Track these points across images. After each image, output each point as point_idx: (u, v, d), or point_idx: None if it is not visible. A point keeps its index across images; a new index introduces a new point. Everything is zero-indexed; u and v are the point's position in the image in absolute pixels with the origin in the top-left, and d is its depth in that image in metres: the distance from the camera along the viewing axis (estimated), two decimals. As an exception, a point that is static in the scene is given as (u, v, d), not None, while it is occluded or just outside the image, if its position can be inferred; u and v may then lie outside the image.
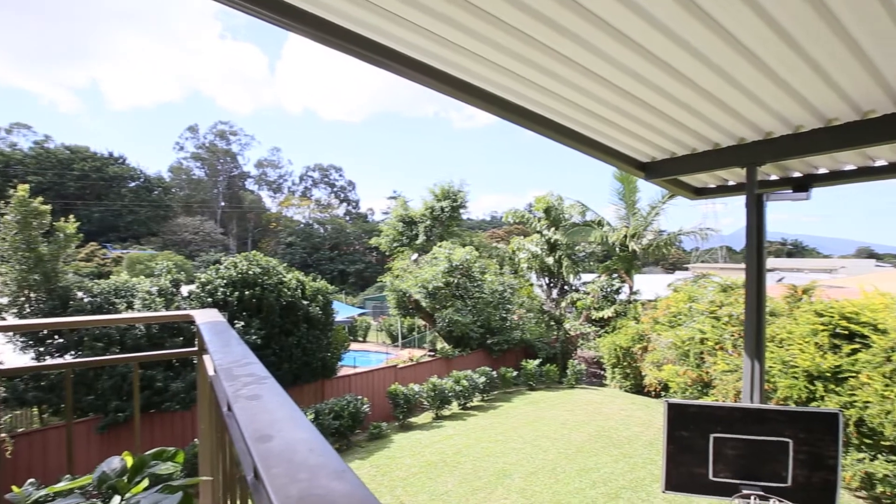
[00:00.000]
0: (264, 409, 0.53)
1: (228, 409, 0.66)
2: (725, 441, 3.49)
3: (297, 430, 0.48)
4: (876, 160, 3.59)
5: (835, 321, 8.43)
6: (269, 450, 0.42)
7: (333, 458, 0.40)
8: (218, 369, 0.77)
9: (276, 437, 0.45)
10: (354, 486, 0.36)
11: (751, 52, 2.36)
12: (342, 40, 2.32)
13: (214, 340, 1.19)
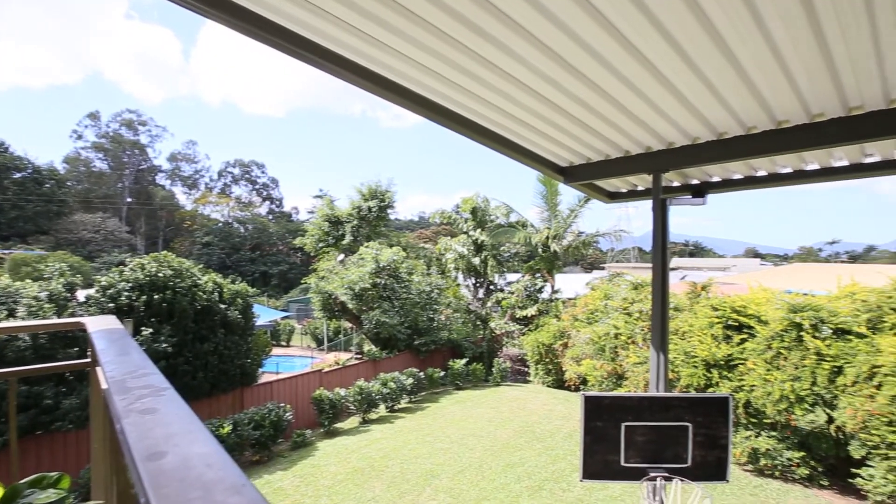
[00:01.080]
0: (159, 423, 0.48)
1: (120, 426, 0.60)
2: (635, 429, 3.75)
3: (194, 445, 0.44)
4: (758, 170, 4.04)
5: (727, 314, 9.38)
6: (159, 468, 0.39)
7: (232, 472, 0.38)
8: (110, 382, 0.70)
9: (170, 453, 0.41)
10: (252, 500, 0.33)
11: (654, 66, 2.56)
12: (262, 31, 2.21)
13: (108, 350, 1.08)
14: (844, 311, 8.15)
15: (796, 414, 7.76)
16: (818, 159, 3.69)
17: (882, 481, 6.61)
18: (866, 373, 6.97)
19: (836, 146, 3.03)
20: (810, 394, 7.68)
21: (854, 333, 7.77)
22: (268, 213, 76.09)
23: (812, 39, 2.25)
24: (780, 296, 9.28)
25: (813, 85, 2.62)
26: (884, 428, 6.38)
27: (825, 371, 7.60)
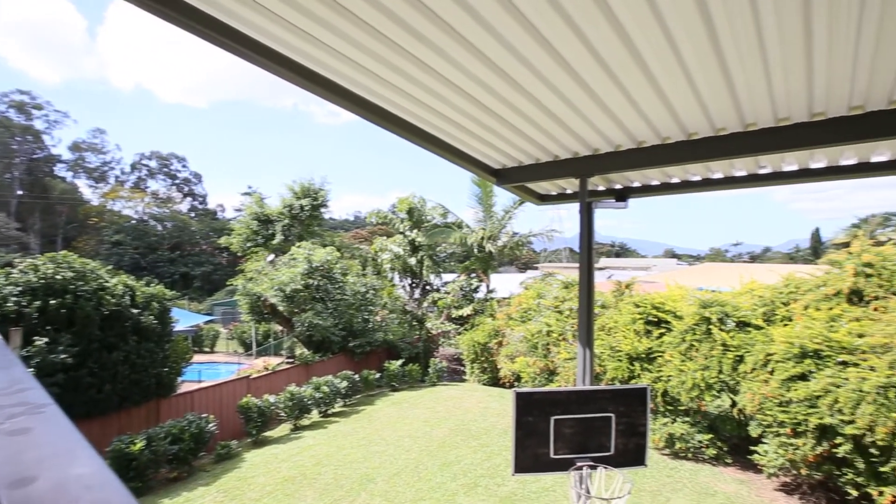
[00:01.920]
0: (32, 444, 0.43)
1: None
2: (564, 422, 3.91)
3: (73, 466, 0.40)
4: (672, 177, 4.36)
5: (648, 311, 10.03)
6: (27, 495, 0.34)
7: (117, 493, 0.34)
8: (-19, 400, 0.61)
9: (41, 477, 0.36)
10: (137, 522, 0.31)
11: (580, 76, 2.68)
12: (184, 17, 2.07)
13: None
14: (745, 306, 9.01)
15: (706, 400, 8.45)
16: (722, 169, 4.05)
17: (774, 456, 7.36)
18: (762, 360, 7.73)
19: (736, 157, 3.34)
20: (717, 381, 8.39)
21: (753, 325, 8.60)
22: (189, 211, 71.15)
23: (716, 63, 2.46)
24: (692, 293, 10.07)
25: (716, 102, 2.87)
26: (776, 409, 7.10)
27: (729, 360, 8.33)
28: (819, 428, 6.56)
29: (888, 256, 7.77)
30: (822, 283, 8.30)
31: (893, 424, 5.78)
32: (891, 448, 5.89)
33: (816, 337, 7.07)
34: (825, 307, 7.87)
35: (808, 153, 3.55)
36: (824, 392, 6.52)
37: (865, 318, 7.20)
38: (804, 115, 2.96)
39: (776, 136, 3.11)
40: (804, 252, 65.44)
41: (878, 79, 2.50)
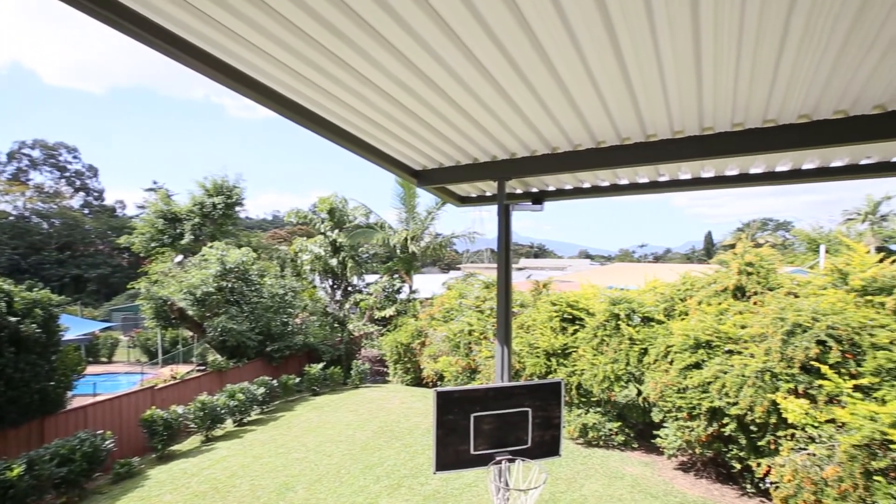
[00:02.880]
0: None
1: None
2: (483, 418, 4.01)
3: None
4: (584, 182, 4.64)
5: (563, 308, 10.57)
6: None
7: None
8: None
9: None
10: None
11: (497, 82, 2.77)
12: None
13: None
14: (649, 303, 9.79)
15: (615, 391, 9.06)
16: (627, 175, 4.37)
17: (673, 438, 8.07)
18: (663, 352, 8.44)
19: (639, 165, 3.63)
20: (625, 373, 9.04)
21: (655, 320, 9.37)
22: (83, 207, 64.06)
23: (620, 77, 2.65)
24: (603, 291, 10.76)
25: (621, 114, 3.09)
26: (674, 395, 7.79)
27: (635, 353, 9.01)
28: (710, 411, 7.28)
29: (765, 256, 8.81)
30: (712, 281, 9.23)
31: (768, 404, 6.56)
32: (766, 424, 6.68)
33: (708, 329, 7.85)
34: (715, 302, 8.76)
35: (699, 164, 3.94)
36: (714, 378, 7.24)
37: (747, 311, 8.11)
38: (696, 129, 3.27)
39: (673, 147, 3.40)
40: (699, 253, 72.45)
41: (754, 99, 2.82)
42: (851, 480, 5.34)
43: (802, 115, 2.96)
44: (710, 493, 7.53)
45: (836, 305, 6.78)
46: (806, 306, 6.87)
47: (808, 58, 2.36)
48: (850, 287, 7.34)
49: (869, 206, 31.86)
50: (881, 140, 2.94)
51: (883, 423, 5.22)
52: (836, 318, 6.48)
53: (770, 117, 3.02)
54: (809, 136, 3.02)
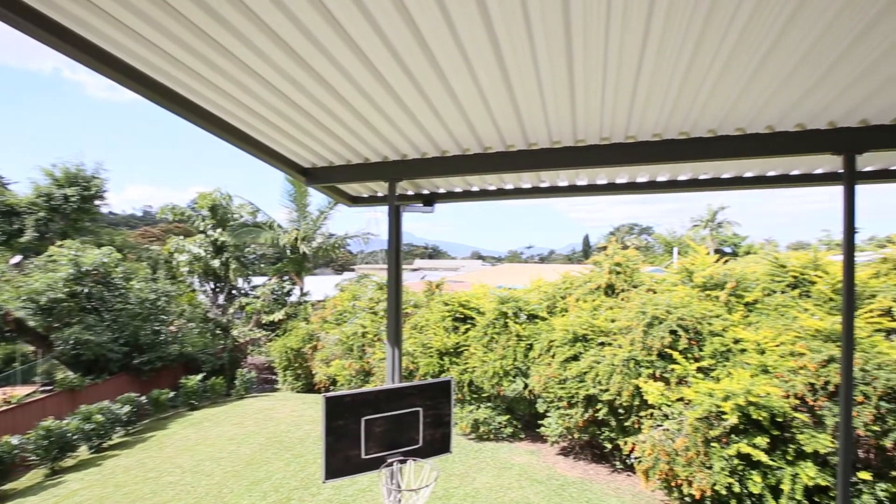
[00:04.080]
0: None
1: None
2: (374, 421, 3.98)
3: None
4: (473, 186, 4.83)
5: (455, 308, 10.88)
6: None
7: None
8: None
9: None
10: None
11: (388, 84, 2.77)
12: None
13: None
14: (534, 301, 10.47)
15: (504, 385, 9.54)
16: (512, 180, 4.63)
17: (555, 426, 8.71)
18: (546, 346, 9.08)
19: (523, 171, 3.87)
20: (513, 368, 9.56)
21: (539, 317, 10.04)
22: None
23: (504, 88, 2.80)
24: (493, 291, 11.27)
25: (505, 122, 3.27)
26: (556, 386, 8.42)
27: (522, 349, 9.57)
28: (586, 398, 7.97)
29: (631, 257, 9.89)
30: (588, 280, 10.13)
31: (633, 388, 7.35)
32: (631, 407, 7.48)
33: (584, 324, 8.59)
34: (590, 299, 9.62)
35: (574, 172, 4.30)
36: (589, 368, 7.94)
37: (616, 307, 9.03)
38: (571, 141, 3.57)
39: (552, 155, 3.68)
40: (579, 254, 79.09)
41: (618, 118, 3.16)
42: (695, 449, 6.19)
43: (656, 133, 3.37)
44: (586, 473, 8.25)
45: (684, 299, 7.83)
46: (662, 301, 7.83)
47: (658, 87, 2.71)
48: (694, 283, 8.53)
49: (709, 214, 37.37)
50: (712, 159, 3.47)
51: (717, 397, 6.13)
52: (684, 310, 7.47)
53: (631, 134, 3.40)
54: (662, 152, 3.45)
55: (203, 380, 14.10)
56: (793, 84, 2.63)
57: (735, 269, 8.64)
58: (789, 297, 7.70)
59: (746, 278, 8.35)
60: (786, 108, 2.94)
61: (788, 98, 2.80)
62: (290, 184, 17.84)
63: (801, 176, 4.27)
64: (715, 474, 5.96)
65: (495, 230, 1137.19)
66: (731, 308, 8.00)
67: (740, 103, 2.88)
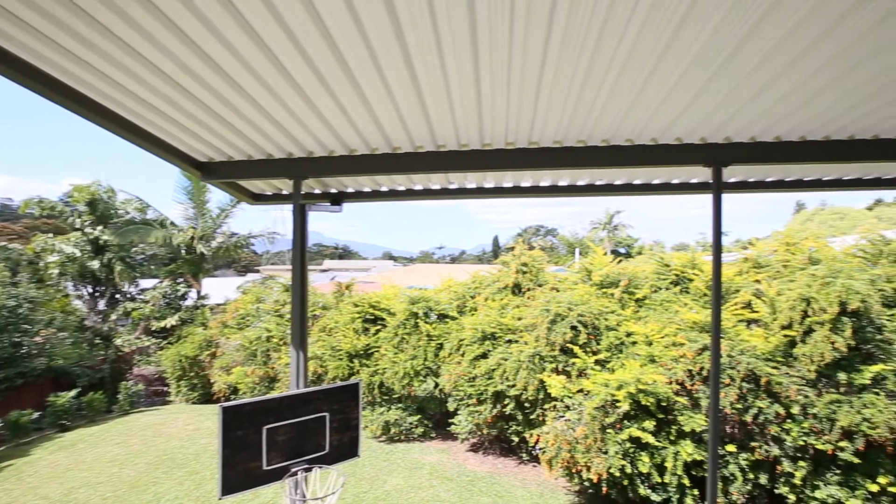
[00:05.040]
0: None
1: None
2: (277, 429, 3.78)
3: None
4: (382, 186, 4.78)
5: (366, 309, 10.71)
6: None
7: None
8: None
9: None
10: None
11: (293, 78, 2.64)
12: None
13: None
14: (444, 301, 10.62)
15: (415, 385, 9.55)
16: (421, 181, 4.65)
17: (465, 423, 8.90)
18: (456, 345, 9.25)
19: (431, 173, 3.90)
20: (424, 367, 9.61)
21: (450, 317, 10.20)
22: None
23: (413, 90, 2.79)
24: (404, 291, 11.25)
25: (414, 122, 3.27)
26: (466, 384, 8.60)
27: (433, 348, 9.66)
28: (494, 394, 8.22)
29: (536, 258, 10.39)
30: (496, 280, 10.48)
31: (538, 382, 7.72)
32: (536, 400, 7.85)
33: (492, 322, 8.87)
34: (498, 298, 9.96)
35: (482, 174, 4.42)
36: (497, 365, 8.20)
37: (523, 305, 9.43)
38: (478, 144, 3.66)
39: (460, 158, 3.75)
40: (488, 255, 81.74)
41: (521, 124, 3.29)
42: (593, 436, 6.65)
43: (556, 140, 3.57)
44: (495, 468, 8.52)
45: (584, 297, 8.38)
46: (564, 299, 8.31)
47: (558, 97, 2.86)
48: (592, 282, 9.17)
49: (607, 218, 40.56)
50: (606, 167, 3.75)
51: (612, 387, 6.63)
52: (584, 307, 7.99)
53: (534, 140, 3.56)
54: (561, 158, 3.66)
55: (77, 396, 12.49)
56: (671, 103, 2.92)
57: (628, 269, 9.44)
58: (672, 293, 8.55)
59: (637, 277, 9.14)
60: (667, 124, 3.25)
61: (668, 115, 3.10)
62: (186, 178, 16.41)
63: (681, 185, 4.76)
64: (610, 458, 6.43)
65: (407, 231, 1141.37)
66: (624, 304, 8.71)
67: (629, 117, 3.14)
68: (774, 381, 6.19)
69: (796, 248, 8.29)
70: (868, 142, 3.51)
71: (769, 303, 7.07)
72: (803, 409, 6.17)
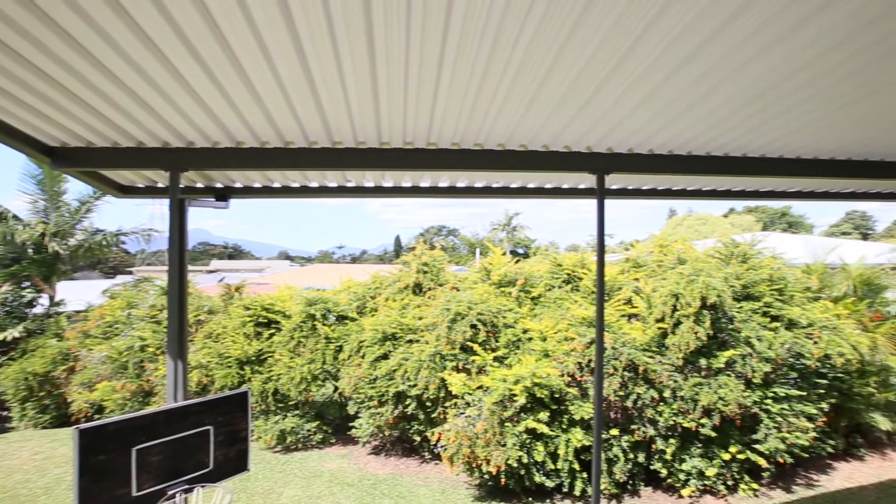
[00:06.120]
0: None
1: None
2: (150, 449, 3.37)
3: None
4: (274, 182, 4.50)
5: (258, 312, 10.08)
6: None
7: None
8: None
9: None
10: None
11: (166, 57, 2.34)
12: None
13: None
14: (343, 302, 10.33)
15: (313, 391, 9.18)
16: (317, 178, 4.45)
17: (366, 426, 8.74)
18: (356, 347, 9.05)
19: (327, 170, 3.74)
20: (322, 371, 9.26)
21: (349, 318, 9.96)
22: None
23: (306, 83, 2.64)
24: (300, 292, 10.75)
25: (308, 117, 3.10)
26: (366, 386, 8.45)
27: (331, 351, 9.35)
28: (396, 395, 8.17)
29: (436, 258, 10.52)
30: (397, 280, 10.43)
31: (439, 381, 7.81)
32: (438, 399, 7.94)
33: (393, 323, 8.80)
34: (399, 298, 9.91)
35: (380, 173, 4.35)
36: (398, 366, 8.16)
37: (423, 305, 9.48)
38: (375, 143, 3.59)
39: (357, 156, 3.64)
40: (390, 254, 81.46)
41: (419, 124, 3.28)
42: (492, 430, 6.88)
43: (454, 142, 3.61)
44: (397, 469, 8.47)
45: (483, 296, 8.65)
46: (464, 298, 8.51)
47: (455, 100, 2.89)
48: (491, 281, 9.51)
49: (506, 219, 42.50)
50: (502, 170, 3.89)
51: (510, 382, 6.92)
52: (483, 306, 8.25)
53: (432, 141, 3.57)
54: (459, 160, 3.72)
55: None
56: (560, 113, 3.10)
57: (524, 268, 9.93)
58: (564, 291, 9.15)
59: (533, 276, 9.65)
60: (557, 132, 3.45)
61: (558, 123, 3.29)
62: (36, 165, 14.08)
63: (570, 189, 5.09)
64: (508, 450, 6.70)
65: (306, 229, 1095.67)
66: (521, 302, 9.15)
67: (523, 124, 3.27)
68: (650, 369, 6.90)
69: (668, 250, 9.34)
70: (721, 158, 4.04)
71: (646, 299, 7.86)
72: (673, 393, 6.95)
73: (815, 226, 59.99)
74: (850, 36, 2.20)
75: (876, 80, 2.71)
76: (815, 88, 2.78)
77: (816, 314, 7.89)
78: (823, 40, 2.24)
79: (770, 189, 5.41)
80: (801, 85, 2.73)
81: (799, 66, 2.51)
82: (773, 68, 2.52)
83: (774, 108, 3.07)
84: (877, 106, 3.09)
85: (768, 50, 2.32)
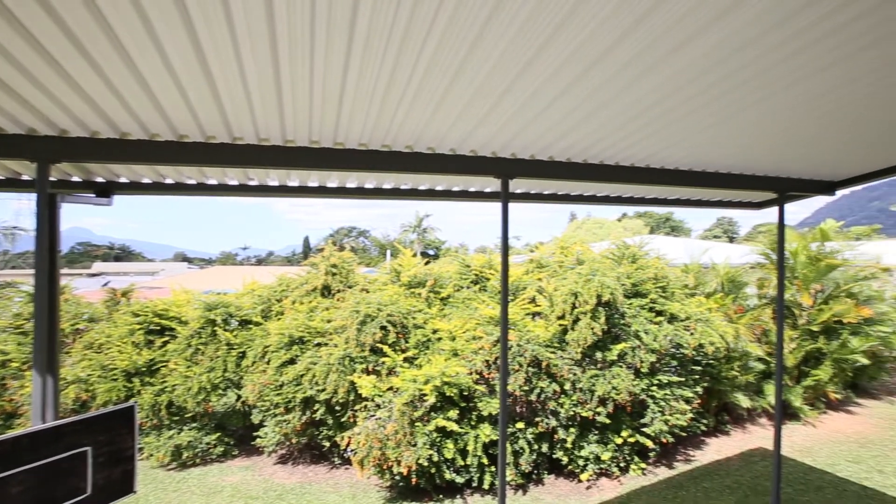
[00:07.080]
0: None
1: None
2: (9, 479, 2.97)
3: None
4: (166, 178, 4.16)
5: (149, 319, 9.23)
6: None
7: None
8: None
9: None
10: None
11: (25, 27, 2.08)
12: None
13: None
14: (247, 305, 9.80)
15: (213, 401, 8.59)
16: (216, 176, 4.20)
17: (272, 435, 8.35)
18: (261, 353, 8.62)
19: (226, 167, 3.54)
20: (223, 380, 8.70)
21: (253, 322, 9.46)
22: None
23: (202, 75, 2.49)
24: (198, 296, 10.01)
25: (204, 110, 2.92)
26: (272, 393, 8.07)
27: (233, 358, 8.82)
28: (304, 401, 7.90)
29: (346, 259, 10.34)
30: (304, 282, 10.10)
31: (348, 384, 7.68)
32: (347, 402, 7.81)
33: (300, 326, 8.51)
34: (307, 301, 9.61)
35: (285, 172, 4.20)
36: (306, 370, 7.91)
37: (332, 307, 9.28)
38: (280, 140, 3.47)
39: (259, 153, 3.49)
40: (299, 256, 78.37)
41: (326, 123, 3.23)
42: (403, 431, 6.91)
43: (362, 143, 3.60)
44: (306, 477, 8.19)
45: (393, 297, 8.66)
46: (374, 300, 8.45)
47: (361, 101, 2.89)
48: (401, 282, 9.55)
49: (417, 220, 42.75)
50: (409, 172, 3.94)
51: (420, 382, 7.00)
52: (393, 307, 8.26)
53: (339, 140, 3.53)
54: (367, 160, 3.71)
55: None
56: (466, 118, 3.22)
57: (434, 269, 10.08)
58: (473, 291, 9.43)
59: (442, 277, 9.83)
60: (463, 136, 3.57)
61: (464, 128, 3.41)
62: None
63: (477, 192, 5.28)
64: (419, 450, 6.76)
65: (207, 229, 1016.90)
66: (431, 303, 9.28)
67: (430, 126, 3.35)
68: (552, 363, 7.34)
69: (568, 252, 9.99)
70: (613, 167, 4.43)
71: (548, 297, 8.35)
72: (573, 385, 7.45)
73: (693, 230, 67.61)
74: (715, 65, 2.55)
75: (728, 109, 3.16)
76: (688, 109, 3.18)
77: (693, 308, 8.92)
78: (695, 66, 2.57)
79: (654, 196, 6.01)
80: (678, 103, 3.09)
81: (675, 88, 2.85)
82: (656, 87, 2.83)
83: (658, 123, 3.44)
84: (730, 130, 3.59)
85: (652, 69, 2.60)
